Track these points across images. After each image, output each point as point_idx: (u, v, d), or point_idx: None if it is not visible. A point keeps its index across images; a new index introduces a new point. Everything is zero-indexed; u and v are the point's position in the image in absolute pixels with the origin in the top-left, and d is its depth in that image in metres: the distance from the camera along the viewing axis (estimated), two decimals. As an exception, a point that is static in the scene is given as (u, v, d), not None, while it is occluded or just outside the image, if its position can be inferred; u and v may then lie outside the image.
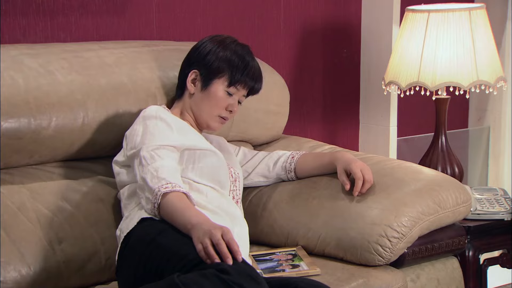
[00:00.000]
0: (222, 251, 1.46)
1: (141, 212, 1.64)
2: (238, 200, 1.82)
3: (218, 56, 1.77)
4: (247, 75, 1.78)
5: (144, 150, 1.64)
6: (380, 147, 2.54)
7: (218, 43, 1.80)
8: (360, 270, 1.74)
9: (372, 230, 1.75)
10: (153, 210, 1.60)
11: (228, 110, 1.79)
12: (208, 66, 1.77)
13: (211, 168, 1.73)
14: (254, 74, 1.79)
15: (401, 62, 2.22)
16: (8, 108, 1.69)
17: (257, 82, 1.81)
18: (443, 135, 2.27)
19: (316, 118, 2.55)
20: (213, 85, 1.77)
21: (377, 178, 1.87)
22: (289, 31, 2.45)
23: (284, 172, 1.94)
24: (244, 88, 1.79)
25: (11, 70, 1.73)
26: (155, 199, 1.59)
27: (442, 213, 1.84)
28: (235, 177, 1.82)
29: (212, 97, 1.77)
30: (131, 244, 1.60)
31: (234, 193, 1.81)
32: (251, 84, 1.79)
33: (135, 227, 1.61)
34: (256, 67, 1.81)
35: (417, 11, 2.22)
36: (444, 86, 2.19)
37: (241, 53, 1.79)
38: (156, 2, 2.20)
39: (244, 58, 1.78)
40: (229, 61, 1.77)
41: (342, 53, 2.56)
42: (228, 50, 1.78)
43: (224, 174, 1.76)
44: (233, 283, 1.40)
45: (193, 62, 1.80)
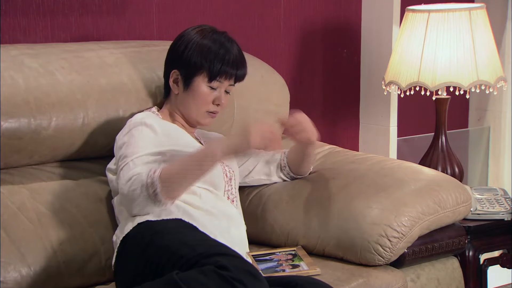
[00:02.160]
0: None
1: (137, 217, 1.63)
2: (234, 199, 1.80)
3: (194, 52, 1.72)
4: (227, 64, 1.72)
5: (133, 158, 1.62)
6: (380, 147, 2.54)
7: (193, 37, 1.74)
8: (360, 270, 1.74)
9: (372, 230, 1.75)
10: (158, 197, 1.55)
11: (215, 104, 1.75)
12: (186, 65, 1.73)
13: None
14: (234, 61, 1.73)
15: (401, 62, 2.22)
16: (8, 108, 1.69)
17: (239, 69, 1.75)
18: (443, 135, 2.27)
19: (316, 118, 2.54)
20: (194, 83, 1.73)
21: (377, 178, 1.87)
22: (289, 31, 2.45)
23: (280, 169, 1.93)
24: (227, 79, 1.74)
25: (11, 70, 1.73)
26: (152, 184, 1.54)
27: (442, 213, 1.84)
28: (230, 176, 1.79)
29: (196, 96, 1.74)
30: (128, 247, 1.60)
31: (229, 193, 1.78)
32: (233, 72, 1.74)
33: (130, 231, 1.61)
34: (235, 54, 1.74)
35: (417, 11, 2.22)
36: (444, 86, 2.19)
37: (217, 43, 1.73)
38: (156, 2, 2.20)
39: (220, 47, 1.72)
40: (206, 55, 1.71)
41: (342, 53, 2.56)
42: (203, 43, 1.73)
43: (217, 175, 1.73)
44: (232, 279, 1.40)
45: (171, 61, 1.76)
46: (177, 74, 1.75)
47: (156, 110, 1.82)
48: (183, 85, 1.75)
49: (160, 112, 1.81)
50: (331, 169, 1.95)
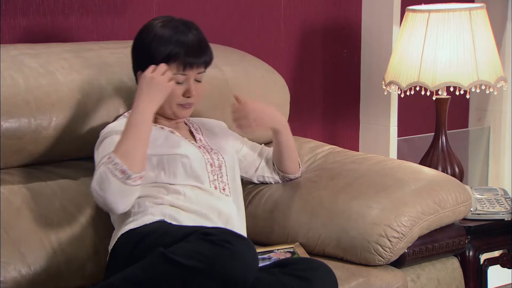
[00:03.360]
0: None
1: (123, 227, 1.63)
2: (225, 187, 1.74)
3: (150, 51, 1.67)
4: (187, 54, 1.67)
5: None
6: (381, 147, 2.54)
7: (146, 35, 1.70)
8: (361, 270, 1.74)
9: (372, 230, 1.75)
10: (123, 170, 1.55)
11: (186, 96, 1.71)
12: (146, 65, 1.68)
13: (183, 167, 1.68)
14: (193, 49, 1.68)
15: (402, 62, 2.22)
16: (8, 108, 1.69)
17: (202, 56, 1.70)
18: (444, 135, 2.27)
19: (316, 118, 2.55)
20: None
21: (377, 178, 1.87)
22: (289, 30, 2.44)
23: (273, 168, 1.92)
24: (191, 69, 1.69)
25: (11, 70, 1.73)
26: (111, 161, 1.55)
27: (442, 213, 1.84)
28: (219, 164, 1.75)
29: None
30: (114, 260, 1.60)
31: (216, 182, 1.73)
32: (195, 61, 1.68)
33: (117, 242, 1.61)
34: (192, 40, 1.68)
35: (417, 11, 2.22)
36: (445, 86, 2.19)
37: (170, 35, 1.67)
38: (156, 2, 2.20)
39: (174, 39, 1.67)
40: (161, 52, 1.66)
41: (342, 53, 2.56)
42: (156, 39, 1.67)
43: (198, 166, 1.70)
44: (219, 240, 1.41)
45: (134, 63, 1.74)
46: (141, 74, 1.70)
47: None
48: None
49: None
50: (331, 169, 1.95)
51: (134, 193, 1.60)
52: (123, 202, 1.59)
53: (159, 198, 1.65)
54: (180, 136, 1.76)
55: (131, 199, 1.60)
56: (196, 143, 1.77)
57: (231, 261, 1.41)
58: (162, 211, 1.63)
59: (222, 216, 1.68)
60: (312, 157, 2.05)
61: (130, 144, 1.58)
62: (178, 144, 1.72)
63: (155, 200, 1.65)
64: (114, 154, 1.57)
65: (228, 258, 1.41)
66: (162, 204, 1.64)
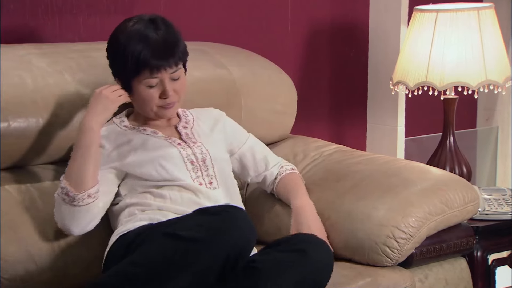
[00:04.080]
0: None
1: (115, 235, 1.63)
2: (211, 180, 1.70)
3: (119, 57, 1.65)
4: (153, 56, 1.62)
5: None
6: (388, 147, 2.53)
7: (115, 40, 1.67)
8: (368, 269, 1.74)
9: (379, 231, 1.74)
10: (70, 196, 1.58)
11: (163, 98, 1.68)
12: (119, 73, 1.68)
13: (157, 172, 1.66)
14: (158, 51, 1.63)
15: (409, 62, 2.21)
16: (17, 107, 1.69)
17: (169, 57, 1.64)
18: (451, 135, 2.27)
19: (323, 117, 2.55)
20: (133, 87, 1.68)
21: (384, 178, 1.86)
22: (296, 30, 2.44)
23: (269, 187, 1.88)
24: (159, 71, 1.64)
25: (19, 69, 1.74)
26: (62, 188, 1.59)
27: (449, 213, 1.83)
28: (202, 157, 1.72)
29: (140, 98, 1.68)
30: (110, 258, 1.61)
31: (199, 179, 1.69)
32: (162, 63, 1.64)
33: (110, 249, 1.62)
34: (157, 41, 1.63)
35: (425, 11, 2.21)
36: (453, 86, 2.18)
37: (135, 37, 1.63)
38: (164, 2, 2.20)
39: (139, 41, 1.62)
40: (130, 57, 1.63)
41: (349, 52, 2.56)
42: (123, 43, 1.64)
43: (175, 168, 1.67)
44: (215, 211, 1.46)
45: (112, 70, 1.72)
46: (118, 81, 1.71)
47: (125, 116, 1.77)
48: (126, 90, 1.70)
49: (130, 118, 1.76)
50: (338, 169, 1.95)
51: (89, 213, 1.61)
52: (77, 224, 1.61)
53: (146, 205, 1.65)
54: (162, 136, 1.73)
55: (86, 220, 1.61)
56: (177, 140, 1.73)
57: (229, 229, 1.42)
58: (150, 217, 1.64)
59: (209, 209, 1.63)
60: (318, 154, 2.04)
61: (75, 166, 1.60)
62: (155, 147, 1.69)
63: (143, 207, 1.66)
64: (63, 178, 1.61)
65: (226, 225, 1.42)
66: (150, 210, 1.65)
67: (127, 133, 1.73)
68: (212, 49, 2.09)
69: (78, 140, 1.63)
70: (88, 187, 1.60)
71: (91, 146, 1.62)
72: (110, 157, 1.68)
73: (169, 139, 1.73)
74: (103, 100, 1.64)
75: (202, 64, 2.00)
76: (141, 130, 1.74)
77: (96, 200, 1.62)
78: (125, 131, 1.73)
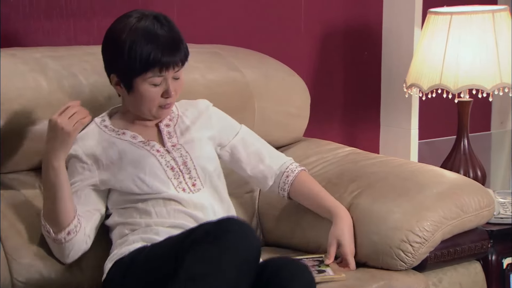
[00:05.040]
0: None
1: (111, 259, 1.61)
2: (195, 182, 1.66)
3: (124, 53, 1.59)
4: (163, 54, 1.58)
5: None
6: (401, 150, 2.52)
7: (118, 35, 1.61)
8: (382, 273, 1.73)
9: (393, 235, 1.73)
10: (51, 235, 1.58)
11: (165, 97, 1.64)
12: (120, 69, 1.62)
13: (143, 184, 1.62)
14: (168, 48, 1.59)
15: (423, 65, 2.20)
16: (32, 110, 1.70)
17: (176, 54, 1.60)
18: (466, 138, 2.25)
19: (336, 120, 2.54)
20: (135, 85, 1.62)
21: (398, 181, 1.85)
22: (309, 32, 2.44)
23: (276, 188, 1.80)
24: (168, 69, 1.60)
25: (35, 72, 1.75)
26: (44, 227, 1.58)
27: (465, 217, 1.82)
28: (183, 161, 1.66)
29: (141, 97, 1.63)
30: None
31: (182, 185, 1.65)
32: (171, 60, 1.59)
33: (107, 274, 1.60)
34: (166, 38, 1.59)
35: (439, 13, 2.20)
36: (467, 88, 2.17)
37: (143, 34, 1.58)
38: (177, 5, 2.20)
39: (148, 40, 1.58)
40: (137, 54, 1.58)
41: (363, 55, 2.55)
42: (129, 41, 1.58)
43: (155, 179, 1.62)
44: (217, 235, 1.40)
45: (108, 65, 1.66)
46: (116, 78, 1.65)
47: (107, 116, 1.72)
48: (125, 88, 1.65)
49: (114, 117, 1.71)
50: (351, 172, 1.94)
51: (76, 245, 1.59)
52: (66, 256, 1.60)
53: (135, 224, 1.63)
54: (140, 142, 1.67)
55: (74, 251, 1.60)
56: (156, 146, 1.67)
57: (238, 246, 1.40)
58: (141, 236, 1.61)
59: (199, 220, 1.62)
60: (331, 156, 2.04)
61: (48, 206, 1.57)
62: (133, 159, 1.63)
63: (132, 226, 1.63)
64: (42, 215, 1.59)
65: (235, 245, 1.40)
66: (139, 228, 1.62)
67: (105, 138, 1.66)
68: (225, 52, 2.09)
69: (43, 178, 1.57)
70: (65, 225, 1.56)
71: (57, 185, 1.55)
72: (90, 171, 1.63)
73: (147, 145, 1.67)
74: (59, 133, 1.53)
75: (215, 67, 2.00)
76: (120, 135, 1.67)
77: (78, 232, 1.58)
78: (103, 133, 1.67)
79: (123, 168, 1.63)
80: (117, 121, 1.71)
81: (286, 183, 1.79)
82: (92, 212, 1.63)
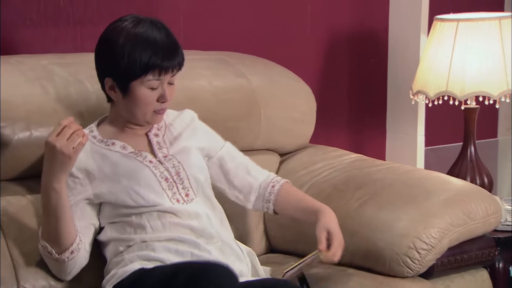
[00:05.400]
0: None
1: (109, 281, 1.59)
2: (188, 192, 1.64)
3: (121, 56, 1.57)
4: (163, 58, 1.57)
5: None
6: (407, 157, 2.52)
7: (116, 38, 1.59)
8: (389, 280, 1.73)
9: (400, 242, 1.73)
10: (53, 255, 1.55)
11: (161, 102, 1.62)
12: (117, 72, 1.59)
13: (138, 196, 1.59)
14: (167, 52, 1.58)
15: (429, 71, 2.20)
16: (39, 116, 1.71)
17: (173, 59, 1.59)
18: (472, 145, 2.25)
19: (342, 127, 2.54)
20: (132, 89, 1.59)
21: (404, 188, 1.85)
22: (315, 39, 2.44)
23: (261, 201, 1.76)
24: (165, 74, 1.59)
25: (42, 79, 1.75)
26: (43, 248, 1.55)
27: (472, 224, 1.82)
28: (176, 171, 1.64)
29: (137, 101, 1.60)
30: None
31: (176, 195, 1.63)
32: (168, 65, 1.58)
33: None
34: (165, 42, 1.58)
35: (446, 20, 2.20)
36: (473, 95, 2.17)
37: (143, 39, 1.57)
38: (183, 11, 2.21)
39: (148, 43, 1.57)
40: (137, 57, 1.56)
41: (369, 61, 2.55)
42: (129, 44, 1.57)
43: (150, 191, 1.59)
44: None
45: (102, 69, 1.63)
46: (111, 81, 1.62)
47: (95, 126, 1.68)
48: (120, 92, 1.61)
49: (101, 127, 1.68)
50: (358, 178, 1.94)
51: (77, 262, 1.58)
52: (67, 274, 1.59)
53: (129, 240, 1.60)
54: (131, 153, 1.64)
55: (75, 267, 1.59)
56: (148, 156, 1.65)
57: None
58: (137, 255, 1.58)
59: (196, 230, 1.61)
60: (338, 162, 2.03)
61: (49, 227, 1.54)
62: (126, 171, 1.61)
63: (126, 242, 1.60)
64: (40, 235, 1.56)
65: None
66: (134, 244, 1.59)
67: (95, 149, 1.64)
68: (232, 59, 2.09)
69: (44, 201, 1.53)
70: (68, 245, 1.54)
71: (60, 206, 1.52)
72: (83, 186, 1.61)
73: (139, 156, 1.64)
74: (59, 157, 1.48)
75: (222, 74, 2.01)
76: (110, 145, 1.64)
77: (80, 250, 1.57)
78: (93, 145, 1.64)
79: (117, 181, 1.60)
80: (105, 130, 1.68)
81: (272, 192, 1.76)
82: (88, 227, 1.61)
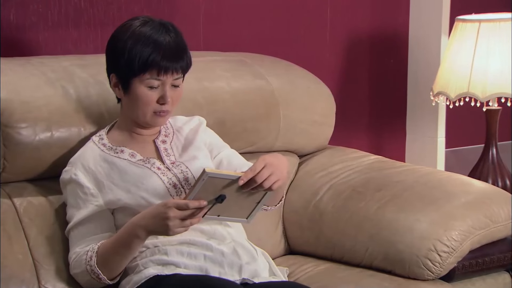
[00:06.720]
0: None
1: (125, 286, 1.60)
2: None
3: (125, 52, 1.57)
4: (163, 58, 1.57)
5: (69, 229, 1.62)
6: (428, 159, 2.50)
7: (122, 35, 1.60)
8: (409, 282, 1.72)
9: (421, 244, 1.72)
10: (102, 280, 1.55)
11: (160, 103, 1.60)
12: (120, 67, 1.60)
13: (147, 204, 1.58)
14: (170, 53, 1.57)
15: (451, 73, 2.19)
16: (59, 117, 1.72)
17: (178, 60, 1.59)
18: (494, 146, 2.23)
19: (362, 128, 2.53)
20: (132, 86, 1.60)
21: (425, 190, 1.84)
22: (335, 40, 2.43)
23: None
24: (164, 74, 1.58)
25: (63, 80, 1.76)
26: (92, 272, 1.55)
27: (493, 227, 1.80)
28: (184, 176, 1.63)
29: (137, 99, 1.60)
30: None
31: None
32: (171, 66, 1.58)
33: None
34: (169, 43, 1.58)
35: (467, 21, 2.18)
36: (495, 97, 2.14)
37: (147, 37, 1.57)
38: (203, 13, 2.22)
39: (151, 42, 1.57)
40: (137, 54, 1.57)
41: (389, 62, 2.54)
42: (132, 41, 1.58)
43: (161, 196, 1.59)
44: None
45: (108, 65, 1.64)
46: (115, 78, 1.63)
47: (105, 132, 1.69)
48: (122, 89, 1.62)
49: (111, 133, 1.68)
50: (378, 180, 1.93)
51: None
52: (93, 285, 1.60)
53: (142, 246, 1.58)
54: (140, 160, 1.64)
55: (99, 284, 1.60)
56: (156, 163, 1.64)
57: None
58: (150, 259, 1.57)
59: (206, 232, 1.60)
60: (357, 164, 2.02)
61: (115, 259, 1.55)
62: (134, 179, 1.61)
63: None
64: (95, 262, 1.55)
65: None
66: (146, 249, 1.58)
67: (104, 157, 1.64)
68: (251, 60, 2.09)
69: (125, 238, 1.54)
70: (119, 273, 1.58)
71: (133, 248, 1.55)
72: (94, 196, 1.61)
73: (147, 163, 1.64)
74: (165, 229, 1.49)
75: (241, 75, 2.01)
76: (119, 153, 1.64)
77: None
78: (102, 153, 1.64)
79: (125, 188, 1.60)
80: (115, 136, 1.68)
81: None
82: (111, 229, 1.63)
